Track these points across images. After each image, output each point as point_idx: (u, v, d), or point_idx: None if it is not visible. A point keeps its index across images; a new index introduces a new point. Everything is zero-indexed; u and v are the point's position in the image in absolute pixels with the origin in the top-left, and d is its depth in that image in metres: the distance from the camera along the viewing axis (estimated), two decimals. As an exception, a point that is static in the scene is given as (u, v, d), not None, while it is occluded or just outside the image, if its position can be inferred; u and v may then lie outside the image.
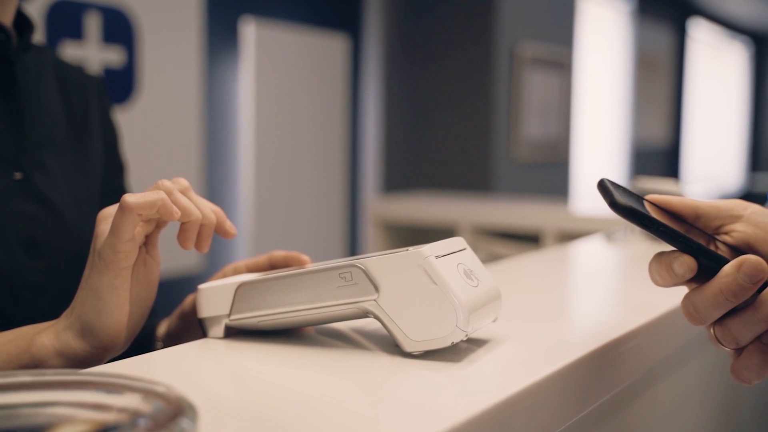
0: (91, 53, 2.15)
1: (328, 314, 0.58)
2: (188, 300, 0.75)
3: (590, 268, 1.12)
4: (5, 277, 0.75)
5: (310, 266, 0.62)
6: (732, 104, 8.96)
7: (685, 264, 0.54)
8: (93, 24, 2.15)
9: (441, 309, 0.54)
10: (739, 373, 0.56)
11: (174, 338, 0.77)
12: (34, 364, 0.60)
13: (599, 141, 5.54)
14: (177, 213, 0.59)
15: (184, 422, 0.35)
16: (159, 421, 0.36)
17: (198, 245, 0.64)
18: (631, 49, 5.88)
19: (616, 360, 0.64)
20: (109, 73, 2.19)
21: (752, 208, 0.58)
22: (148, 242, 0.63)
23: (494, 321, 0.61)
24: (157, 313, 0.83)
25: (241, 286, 0.60)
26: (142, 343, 0.80)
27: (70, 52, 2.08)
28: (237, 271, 0.73)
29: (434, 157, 3.58)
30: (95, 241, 0.60)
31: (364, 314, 0.57)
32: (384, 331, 0.61)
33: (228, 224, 0.65)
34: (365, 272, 0.56)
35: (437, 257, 0.55)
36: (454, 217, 2.72)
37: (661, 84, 6.62)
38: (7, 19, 0.81)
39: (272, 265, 0.72)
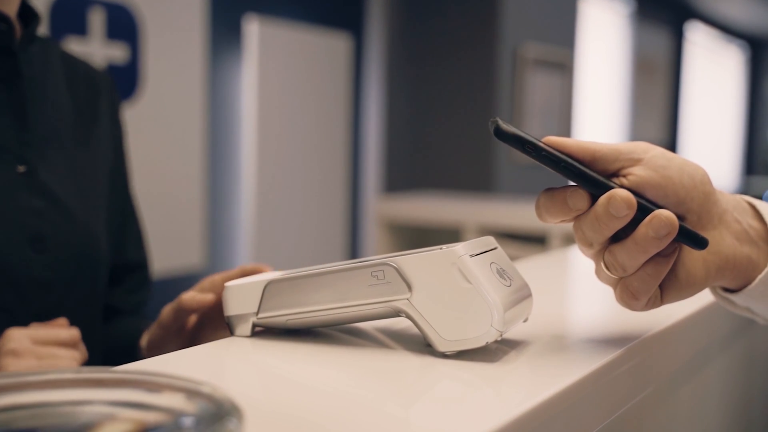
0: (95, 49, 2.13)
1: (359, 313, 0.57)
2: (165, 310, 0.76)
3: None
4: (11, 272, 0.74)
5: (340, 264, 0.61)
6: (728, 107, 8.98)
7: (582, 197, 0.53)
8: (97, 20, 2.14)
9: (475, 308, 0.53)
10: (629, 286, 0.54)
11: (156, 348, 0.77)
12: None
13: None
14: None
15: (232, 423, 0.34)
16: (204, 421, 0.35)
17: None
18: (629, 52, 5.89)
19: (648, 360, 0.63)
20: (113, 69, 2.18)
21: (654, 152, 0.56)
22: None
23: (525, 321, 0.60)
24: (155, 315, 0.83)
25: (269, 284, 0.59)
26: (129, 351, 0.80)
27: (74, 48, 2.07)
28: (214, 284, 0.74)
29: (436, 158, 3.57)
30: None
31: (396, 313, 0.56)
32: (411, 330, 0.61)
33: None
34: (398, 270, 0.54)
35: (471, 256, 0.54)
36: (459, 218, 2.71)
37: (659, 86, 6.63)
38: (11, 10, 0.80)
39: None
